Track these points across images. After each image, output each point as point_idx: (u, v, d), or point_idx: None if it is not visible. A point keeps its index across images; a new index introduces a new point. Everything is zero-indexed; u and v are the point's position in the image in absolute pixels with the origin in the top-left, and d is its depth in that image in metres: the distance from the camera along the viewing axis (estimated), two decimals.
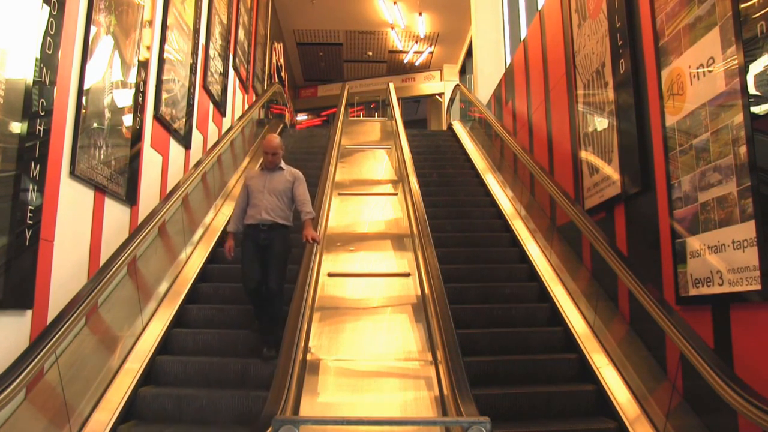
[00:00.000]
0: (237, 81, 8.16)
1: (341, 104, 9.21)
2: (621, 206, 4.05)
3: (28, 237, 2.87)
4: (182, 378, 3.63)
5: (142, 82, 4.46)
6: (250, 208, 4.09)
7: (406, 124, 8.45)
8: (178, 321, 4.14)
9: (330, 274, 4.71)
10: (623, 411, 3.22)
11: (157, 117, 4.84)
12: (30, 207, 2.89)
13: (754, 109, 2.60)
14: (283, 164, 4.24)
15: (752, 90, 2.62)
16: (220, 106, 7.07)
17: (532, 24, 6.71)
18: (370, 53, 16.95)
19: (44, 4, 3.02)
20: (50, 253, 3.18)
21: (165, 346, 3.87)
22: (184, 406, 3.35)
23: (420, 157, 7.60)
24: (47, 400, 2.95)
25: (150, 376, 3.59)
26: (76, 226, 3.51)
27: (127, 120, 4.23)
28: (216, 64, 6.87)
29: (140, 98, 4.44)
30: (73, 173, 3.42)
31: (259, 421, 2.30)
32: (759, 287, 2.53)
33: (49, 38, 3.06)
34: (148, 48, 4.64)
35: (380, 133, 9.53)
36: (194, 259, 4.88)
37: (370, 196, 6.41)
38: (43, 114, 3.01)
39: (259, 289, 3.91)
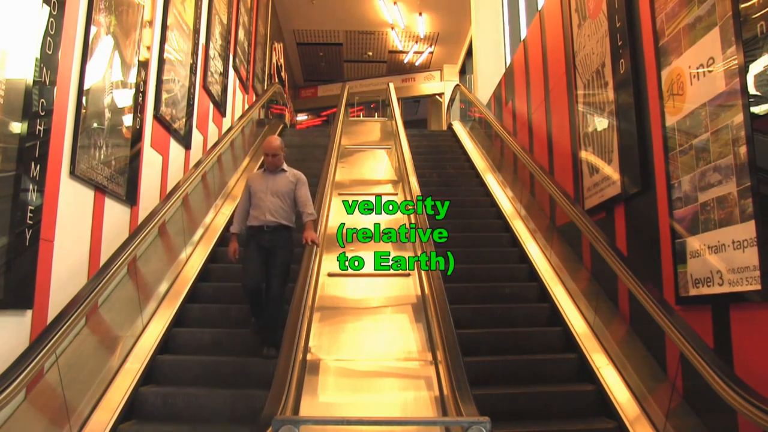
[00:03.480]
0: (237, 81, 8.16)
1: (341, 104, 9.20)
2: (621, 206, 4.05)
3: (28, 237, 2.87)
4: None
5: (142, 82, 4.47)
6: (253, 209, 4.08)
7: (406, 124, 8.45)
8: (177, 321, 4.14)
9: (330, 274, 4.71)
10: (623, 411, 3.22)
11: (157, 117, 4.84)
12: (30, 207, 2.89)
13: (754, 109, 2.60)
14: (285, 165, 4.24)
15: (752, 90, 2.62)
16: (220, 106, 7.07)
17: (532, 24, 6.71)
18: (370, 53, 16.94)
19: (44, 4, 3.02)
20: (50, 253, 3.18)
21: (165, 345, 3.87)
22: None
23: (420, 158, 7.60)
24: (47, 400, 2.95)
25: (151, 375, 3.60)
26: (76, 226, 3.51)
27: (127, 120, 4.23)
28: (216, 64, 6.87)
29: (140, 98, 4.44)
30: (73, 173, 3.42)
31: (259, 421, 2.30)
32: (759, 287, 2.53)
33: (49, 38, 3.06)
34: (148, 48, 4.64)
35: (380, 133, 9.53)
36: (194, 259, 4.88)
37: (370, 197, 6.40)
38: (43, 114, 3.01)
39: (259, 289, 3.91)
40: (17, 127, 2.81)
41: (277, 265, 3.95)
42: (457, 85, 11.00)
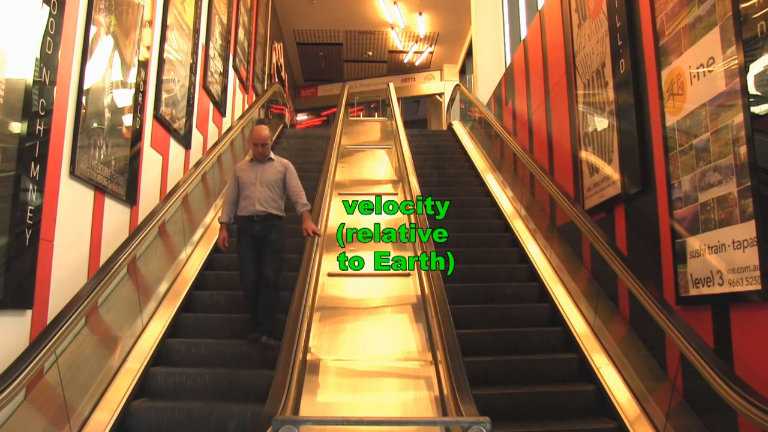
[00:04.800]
0: (237, 81, 8.16)
1: (341, 104, 9.21)
2: (621, 206, 4.04)
3: (28, 237, 2.87)
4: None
5: (142, 82, 4.46)
6: (242, 200, 4.08)
7: (406, 124, 8.45)
8: (177, 322, 4.14)
9: (330, 274, 4.71)
10: (623, 411, 3.22)
11: (157, 117, 4.84)
12: (30, 207, 2.89)
13: (754, 109, 2.60)
14: (272, 155, 4.24)
15: (752, 90, 2.62)
16: (220, 106, 7.07)
17: (532, 24, 6.71)
18: (370, 53, 16.94)
19: (44, 4, 3.02)
20: (50, 253, 3.18)
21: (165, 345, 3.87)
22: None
23: (420, 157, 7.60)
24: (47, 400, 2.95)
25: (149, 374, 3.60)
26: (76, 226, 3.51)
27: (127, 120, 4.23)
28: (216, 64, 6.87)
29: (140, 98, 4.44)
30: (73, 173, 3.42)
31: (259, 420, 2.30)
32: (759, 287, 2.53)
33: (49, 38, 3.05)
34: (148, 48, 4.64)
35: (380, 133, 9.53)
36: (194, 259, 4.88)
37: (370, 197, 6.41)
38: (43, 114, 3.01)
39: (257, 281, 3.92)
40: (17, 127, 2.80)
41: (270, 253, 3.95)
42: (457, 85, 11.00)
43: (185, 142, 5.65)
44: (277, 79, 12.30)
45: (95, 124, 3.72)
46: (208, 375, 3.56)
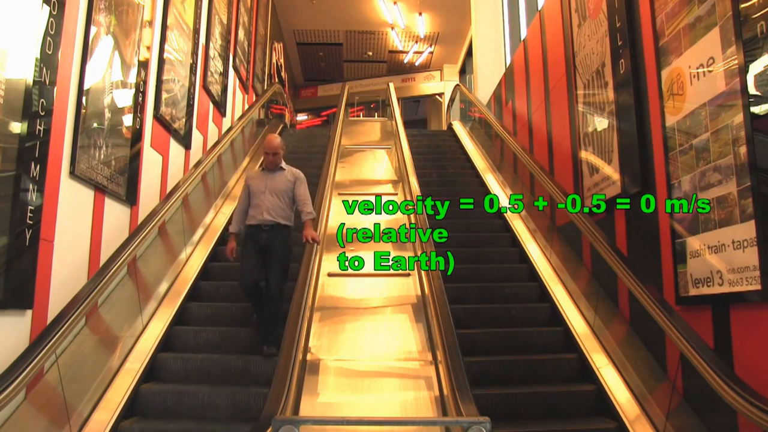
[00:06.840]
0: (237, 81, 8.16)
1: (341, 104, 9.20)
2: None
3: (28, 237, 2.87)
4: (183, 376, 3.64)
5: (142, 82, 4.46)
6: (251, 209, 4.09)
7: (406, 124, 8.44)
8: (178, 320, 4.14)
9: (330, 274, 4.71)
10: (623, 411, 3.22)
11: (157, 117, 4.84)
12: (30, 207, 2.89)
13: (754, 109, 2.60)
14: (283, 164, 4.25)
15: (752, 90, 2.62)
16: (220, 106, 7.07)
17: (532, 24, 6.71)
18: (370, 53, 16.94)
19: (44, 4, 3.02)
20: (50, 253, 3.18)
21: (166, 345, 3.87)
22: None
23: (420, 157, 7.60)
24: (47, 400, 2.95)
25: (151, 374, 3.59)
26: (76, 226, 3.51)
27: (127, 120, 4.23)
28: (216, 64, 6.87)
29: (140, 98, 4.44)
30: (73, 173, 3.42)
31: (259, 421, 2.30)
32: (759, 287, 2.53)
33: (49, 38, 3.06)
34: (148, 48, 4.64)
35: (380, 133, 9.53)
36: (194, 259, 4.88)
37: (370, 197, 6.40)
38: (43, 114, 3.01)
39: (257, 287, 3.91)
40: (17, 127, 2.81)
41: (274, 262, 3.95)
42: (457, 85, 11.00)
43: (185, 142, 5.65)
44: (277, 79, 12.30)
45: (95, 124, 3.72)
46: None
